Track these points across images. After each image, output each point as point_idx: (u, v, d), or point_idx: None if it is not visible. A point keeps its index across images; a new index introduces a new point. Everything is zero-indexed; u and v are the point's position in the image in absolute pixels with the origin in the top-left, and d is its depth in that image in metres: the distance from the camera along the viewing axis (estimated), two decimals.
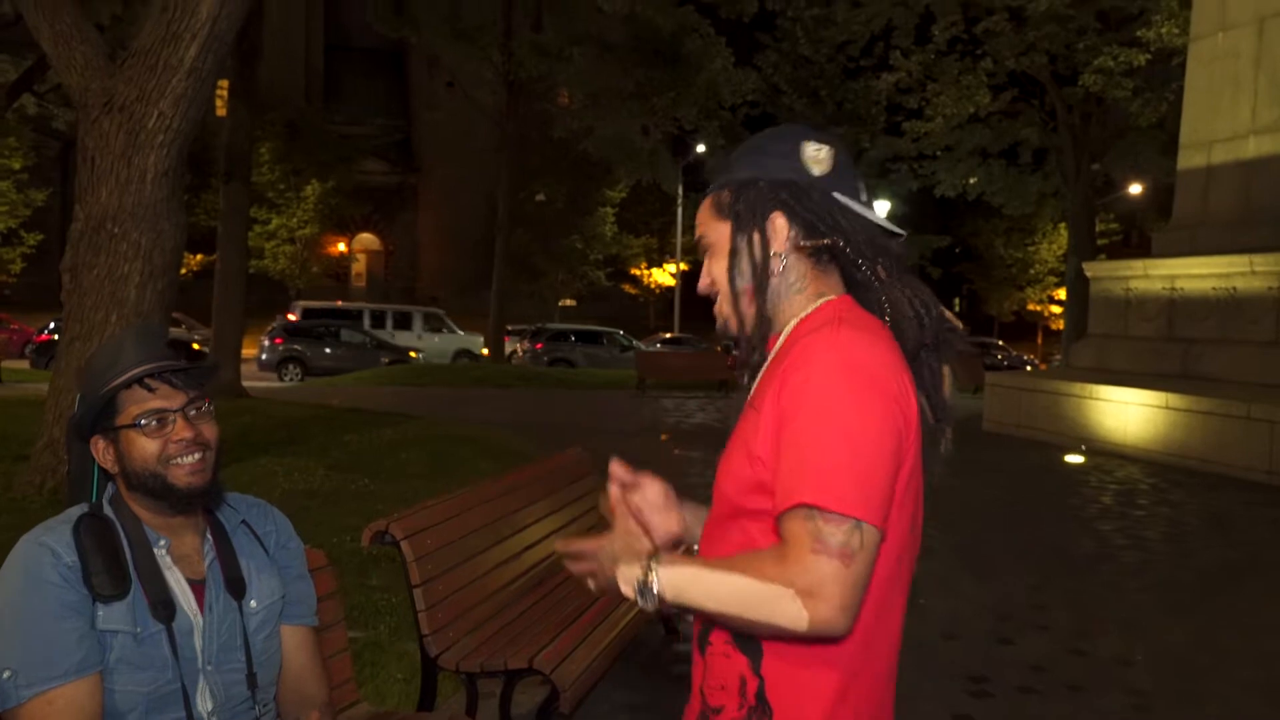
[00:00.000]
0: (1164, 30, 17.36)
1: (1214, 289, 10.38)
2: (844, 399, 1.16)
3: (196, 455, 1.61)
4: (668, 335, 34.40)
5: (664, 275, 44.24)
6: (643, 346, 28.30)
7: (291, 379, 22.84)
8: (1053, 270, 40.63)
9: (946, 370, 1.34)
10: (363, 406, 13.10)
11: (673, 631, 4.37)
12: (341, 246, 43.37)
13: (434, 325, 27.12)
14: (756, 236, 1.32)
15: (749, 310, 1.34)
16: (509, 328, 26.89)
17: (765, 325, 1.33)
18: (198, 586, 1.64)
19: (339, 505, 6.58)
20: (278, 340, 23.82)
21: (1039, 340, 45.21)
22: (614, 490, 1.43)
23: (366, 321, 26.66)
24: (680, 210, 33.95)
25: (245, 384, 13.97)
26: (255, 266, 32.73)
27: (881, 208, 26.94)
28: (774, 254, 1.32)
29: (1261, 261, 9.84)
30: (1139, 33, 18.61)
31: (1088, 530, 6.98)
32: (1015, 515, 7.43)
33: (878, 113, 24.58)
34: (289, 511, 1.97)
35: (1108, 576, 5.84)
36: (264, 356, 23.37)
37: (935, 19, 21.84)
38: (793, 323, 1.33)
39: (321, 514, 6.29)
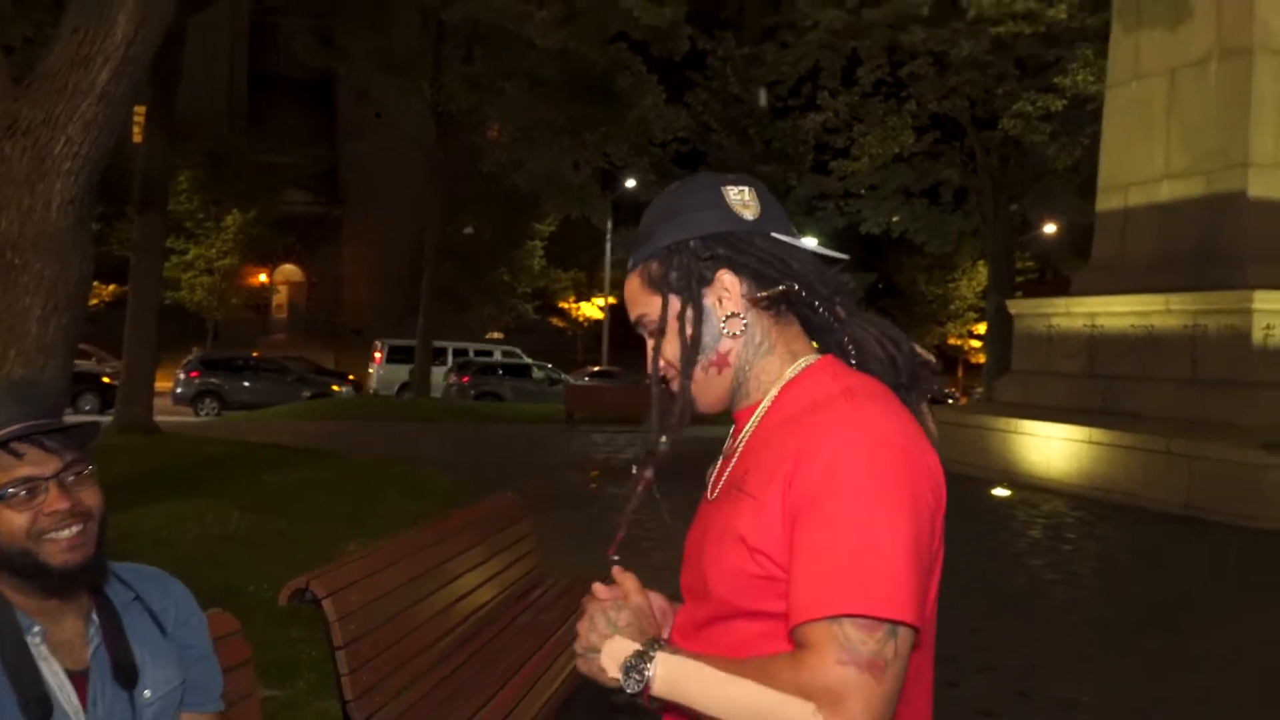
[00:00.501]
0: (1079, 78, 17.98)
1: (1133, 327, 10.65)
2: (876, 489, 1.03)
3: (75, 528, 1.41)
4: (596, 369, 34.25)
5: (592, 309, 44.16)
6: (571, 380, 28.10)
7: (208, 414, 22.11)
8: (972, 306, 41.65)
9: (926, 411, 1.22)
10: (282, 443, 12.66)
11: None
12: (263, 277, 42.36)
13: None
14: (708, 301, 1.19)
15: (718, 384, 1.21)
16: (447, 347, 26.41)
17: (739, 396, 1.22)
18: (79, 678, 1.43)
19: (256, 550, 6.27)
20: (193, 373, 23.08)
21: (959, 374, 46.18)
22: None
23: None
24: (609, 244, 33.97)
25: (158, 419, 13.43)
26: (171, 298, 31.70)
27: (809, 245, 27.32)
28: (731, 315, 1.19)
29: (1177, 301, 10.12)
30: (1056, 80, 19.25)
31: (1020, 566, 7.00)
32: (948, 551, 7.40)
33: (805, 151, 24.96)
34: (202, 557, 1.79)
35: (1045, 613, 5.84)
36: (179, 390, 22.62)
37: (861, 62, 22.31)
38: (773, 390, 1.19)
39: (237, 560, 5.98)
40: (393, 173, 42.18)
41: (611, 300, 40.76)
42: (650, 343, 1.25)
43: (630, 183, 29.64)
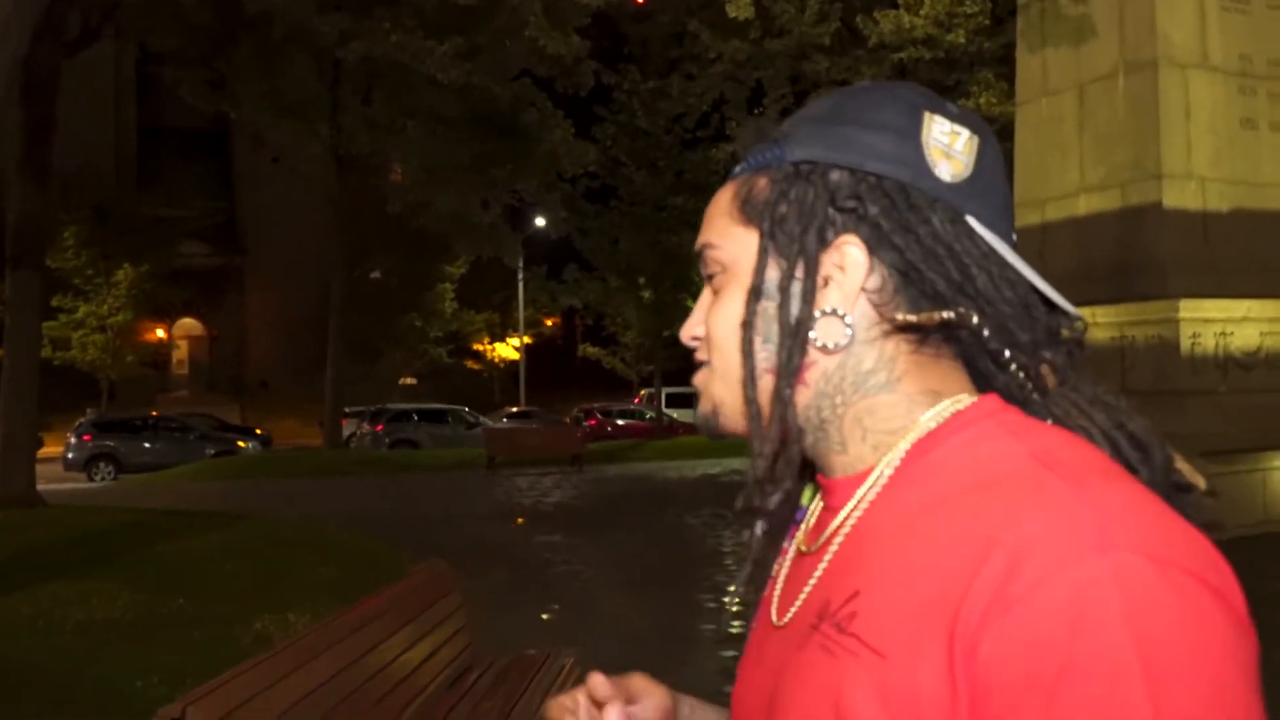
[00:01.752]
0: (982, 100, 18.23)
1: None
2: (1188, 666, 0.54)
3: None
4: (514, 410, 33.56)
5: (508, 349, 43.48)
6: (489, 423, 27.37)
7: (103, 478, 20.81)
8: None
9: None
10: (183, 507, 11.76)
11: None
12: (160, 333, 40.60)
13: None
14: (800, 272, 0.70)
15: (761, 399, 0.72)
16: (346, 410, 25.48)
17: (795, 440, 0.71)
18: None
19: (147, 638, 5.54)
20: (85, 436, 21.76)
21: None
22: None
23: None
24: (521, 284, 33.43)
25: (47, 487, 12.37)
26: (61, 358, 30.14)
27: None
28: (829, 312, 0.70)
29: (1103, 313, 10.08)
30: (960, 102, 19.52)
31: None
32: None
33: (717, 182, 24.84)
34: (83, 650, 1.28)
35: None
36: (70, 455, 21.28)
37: (766, 92, 22.40)
38: (900, 446, 0.69)
39: (122, 651, 5.26)
40: (294, 220, 41.07)
41: (527, 339, 40.27)
42: (704, 296, 0.78)
43: (540, 221, 29.25)
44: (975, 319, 0.68)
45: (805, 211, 0.70)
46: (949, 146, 0.71)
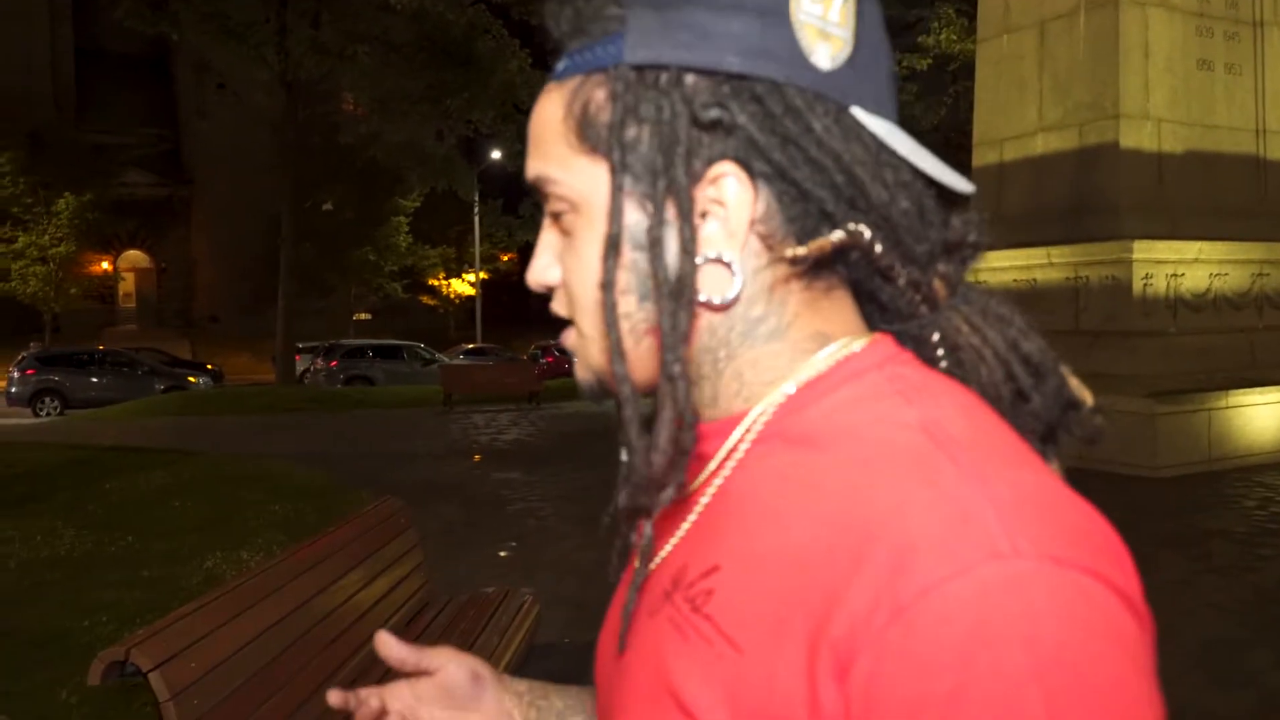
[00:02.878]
0: (943, 37, 18.12)
1: (1015, 280, 10.65)
2: (1092, 685, 0.47)
3: None
4: (470, 346, 33.32)
5: (463, 285, 43.04)
6: (445, 359, 27.15)
7: (49, 413, 20.39)
8: None
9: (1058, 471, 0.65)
10: (132, 443, 11.54)
11: None
12: (105, 265, 39.58)
13: None
14: (672, 216, 0.57)
15: (642, 366, 0.60)
16: (299, 345, 25.13)
17: (686, 405, 0.57)
18: None
19: (92, 575, 5.45)
20: (29, 370, 21.25)
21: None
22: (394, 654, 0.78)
23: None
24: (477, 218, 32.96)
25: None
26: (1, 290, 29.32)
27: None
28: (715, 258, 0.58)
29: (1058, 253, 10.15)
30: (920, 39, 19.40)
31: None
32: None
33: None
34: (24, 591, 1.22)
35: None
36: (13, 390, 20.80)
37: None
38: (771, 395, 0.60)
39: (68, 590, 5.16)
40: (242, 149, 39.95)
41: (484, 275, 39.83)
42: (547, 231, 0.65)
43: (496, 153, 28.71)
44: (868, 235, 0.58)
45: (664, 135, 0.57)
46: (824, 20, 0.57)
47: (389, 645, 0.77)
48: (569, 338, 0.66)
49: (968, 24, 16.22)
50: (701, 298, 0.58)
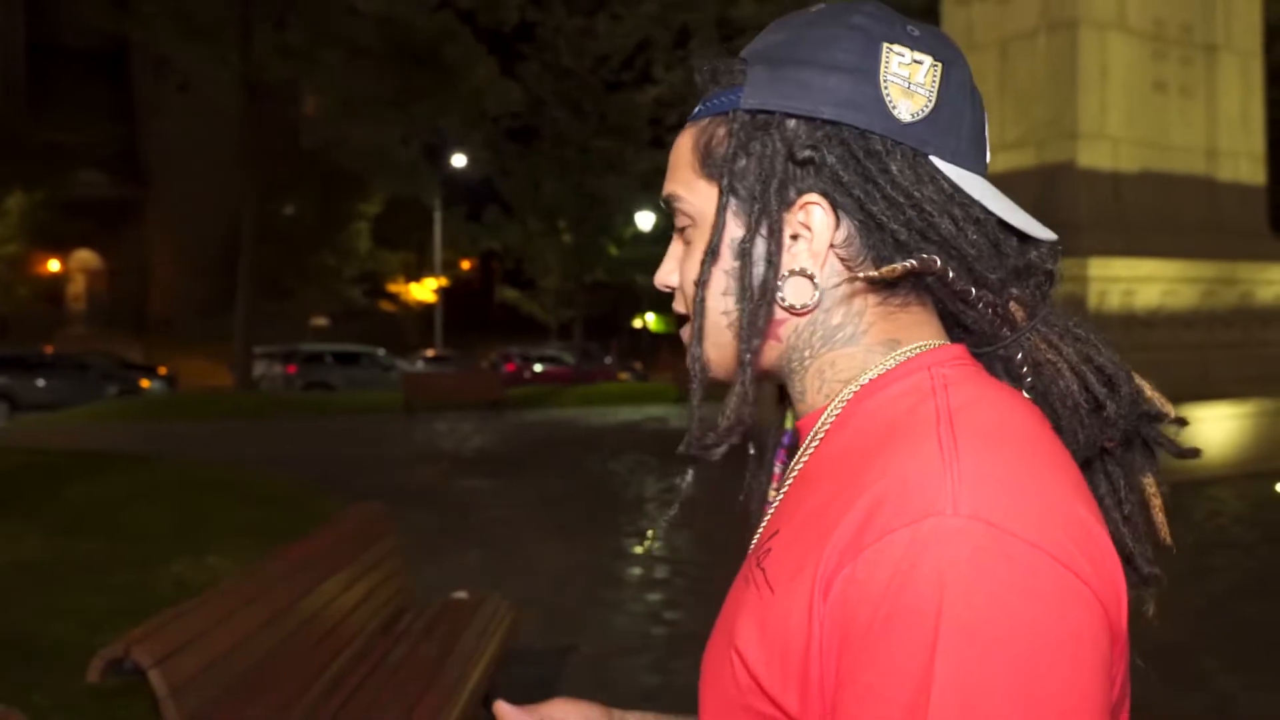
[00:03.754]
0: None
1: None
2: (990, 634, 0.54)
3: None
4: (431, 353, 33.13)
5: (424, 291, 42.81)
6: (405, 366, 26.99)
7: None
8: None
9: (1152, 491, 0.75)
10: (87, 449, 11.36)
11: None
12: (55, 265, 38.82)
13: None
14: (761, 236, 0.69)
15: (724, 359, 0.73)
16: (256, 350, 24.86)
17: (749, 405, 0.70)
18: None
19: (61, 581, 5.38)
20: None
21: None
22: None
23: None
24: (439, 224, 32.80)
25: None
26: None
27: (646, 220, 27.16)
28: (798, 270, 0.69)
29: None
30: None
31: None
32: None
33: (641, 127, 24.75)
34: None
35: None
36: None
37: (692, 36, 22.22)
38: (844, 393, 0.70)
39: (38, 594, 5.10)
40: (201, 150, 39.43)
41: (444, 282, 39.59)
42: (674, 242, 0.78)
43: (460, 160, 28.66)
44: (938, 263, 0.68)
45: (764, 167, 0.69)
46: (908, 80, 0.68)
47: (508, 713, 0.86)
48: (685, 331, 0.76)
49: None
50: (785, 303, 0.70)
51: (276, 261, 30.92)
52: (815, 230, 0.68)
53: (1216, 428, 9.27)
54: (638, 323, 47.17)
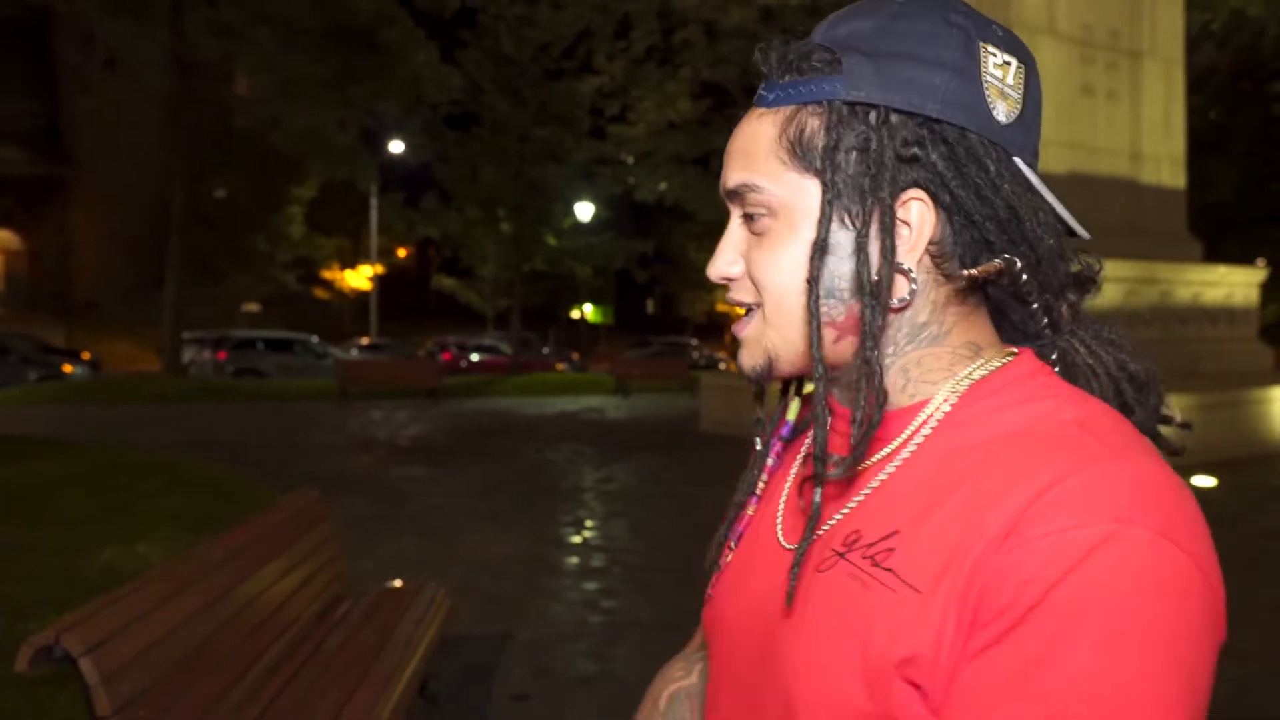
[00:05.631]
0: None
1: None
2: (1159, 643, 0.57)
3: None
4: (366, 341, 32.68)
5: (359, 278, 42.18)
6: (340, 354, 26.59)
7: None
8: None
9: None
10: (7, 433, 11.00)
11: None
12: None
13: None
14: (875, 229, 0.69)
15: (835, 360, 0.72)
16: (185, 336, 24.27)
17: (879, 407, 0.69)
18: None
19: None
20: None
21: (727, 339, 47.86)
22: None
23: None
24: (375, 210, 32.33)
25: None
26: None
27: (585, 210, 27.08)
28: (899, 268, 0.70)
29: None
30: None
31: None
32: None
33: (582, 115, 24.66)
34: None
35: None
36: None
37: (633, 26, 22.20)
38: (944, 391, 0.72)
39: None
40: (129, 128, 38.25)
41: (380, 269, 39.08)
42: (735, 230, 0.76)
43: (398, 146, 28.26)
44: (1019, 265, 0.70)
45: (873, 162, 0.68)
46: (1003, 82, 0.70)
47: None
48: (750, 327, 0.76)
49: None
50: (895, 296, 0.70)
51: (207, 245, 30.20)
52: (915, 225, 0.69)
53: None
54: (575, 313, 47.14)
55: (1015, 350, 0.74)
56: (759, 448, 0.84)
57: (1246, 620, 4.86)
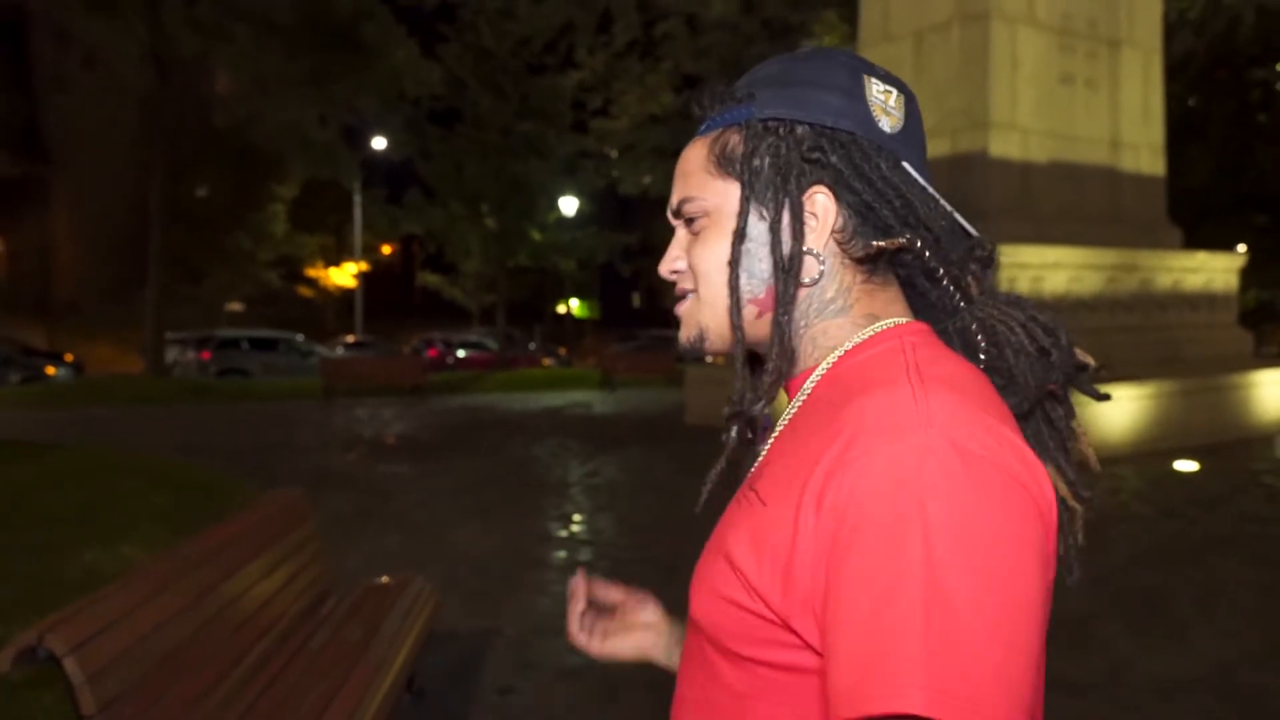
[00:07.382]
0: (825, 41, 18.67)
1: None
2: (961, 524, 0.66)
3: None
4: (351, 339, 32.55)
5: (343, 276, 41.97)
6: (325, 352, 26.48)
7: None
8: None
9: (1081, 432, 0.91)
10: None
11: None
12: None
13: None
14: (787, 218, 0.84)
15: (758, 332, 0.88)
16: (168, 336, 24.14)
17: (788, 361, 0.86)
18: None
19: None
20: None
21: None
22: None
23: None
24: (358, 207, 32.19)
25: None
26: None
27: (569, 204, 27.05)
28: (807, 251, 0.85)
29: None
30: (801, 42, 19.92)
31: None
32: None
33: (565, 110, 24.62)
34: None
35: None
36: None
37: (614, 20, 22.20)
38: (829, 358, 0.85)
39: None
40: (108, 127, 37.94)
41: (364, 266, 38.89)
42: (680, 234, 0.93)
43: (379, 142, 28.14)
44: (919, 243, 0.84)
45: (782, 163, 0.84)
46: (886, 103, 0.86)
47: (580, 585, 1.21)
48: (685, 306, 0.92)
49: (850, 30, 16.76)
50: (805, 274, 0.85)
51: (189, 244, 30.03)
52: (820, 215, 0.84)
53: (1117, 408, 9.66)
54: (561, 308, 47.05)
55: (905, 320, 0.87)
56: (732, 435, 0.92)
57: (1229, 601, 4.92)
